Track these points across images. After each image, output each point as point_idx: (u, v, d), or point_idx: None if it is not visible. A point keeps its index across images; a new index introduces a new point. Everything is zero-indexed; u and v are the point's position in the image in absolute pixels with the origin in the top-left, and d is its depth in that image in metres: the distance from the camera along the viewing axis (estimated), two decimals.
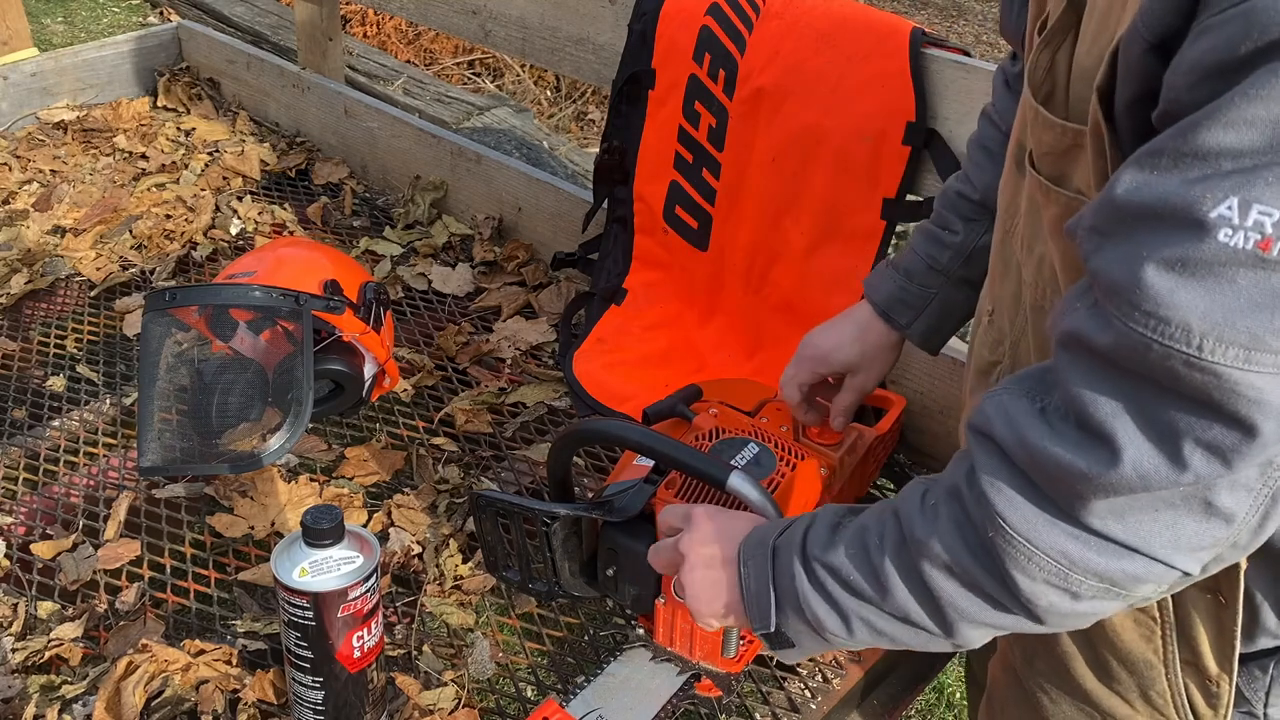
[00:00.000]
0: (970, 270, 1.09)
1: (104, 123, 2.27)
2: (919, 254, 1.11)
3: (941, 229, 1.10)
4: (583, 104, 4.53)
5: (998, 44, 6.09)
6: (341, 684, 0.99)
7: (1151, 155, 0.57)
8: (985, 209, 1.06)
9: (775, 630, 0.82)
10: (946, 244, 1.09)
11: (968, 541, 0.70)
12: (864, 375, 1.15)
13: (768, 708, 1.08)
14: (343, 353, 1.40)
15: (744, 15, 1.48)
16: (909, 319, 1.12)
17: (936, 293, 1.11)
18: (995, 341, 0.91)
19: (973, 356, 0.99)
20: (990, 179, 1.05)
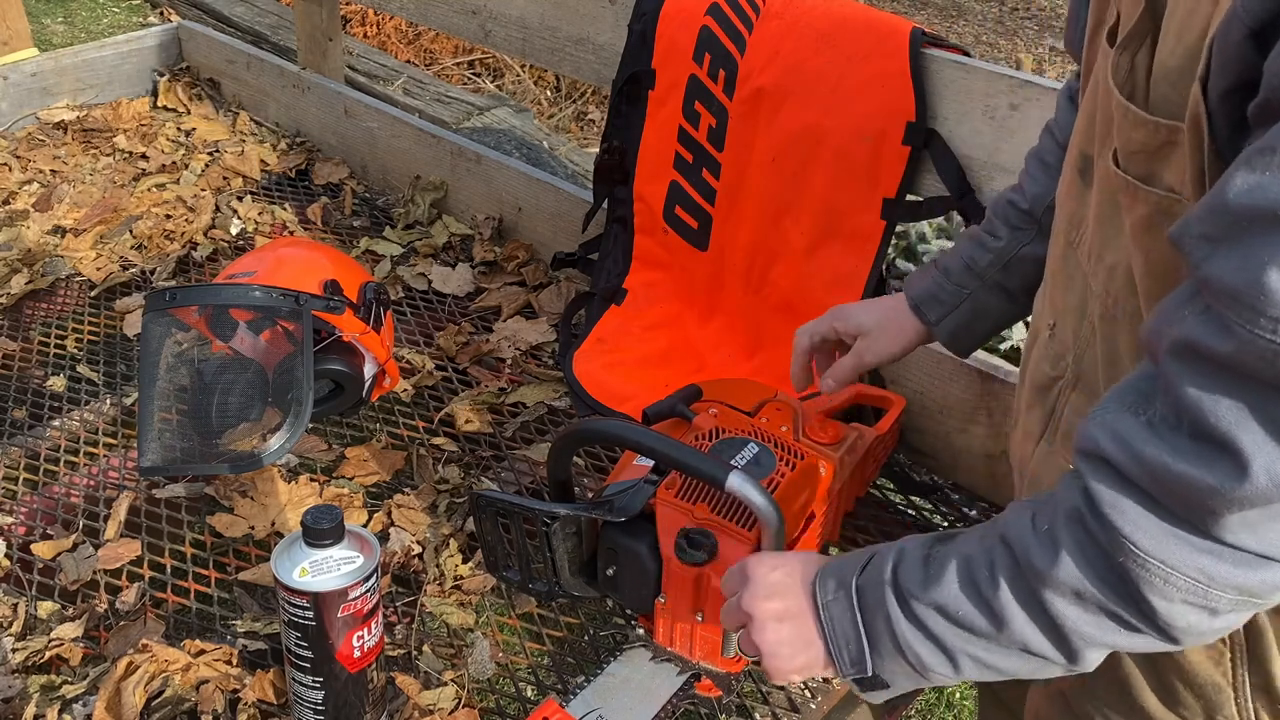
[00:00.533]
0: (1007, 278, 1.09)
1: (104, 123, 2.27)
2: (960, 254, 1.12)
3: (987, 233, 1.10)
4: (583, 104, 4.53)
5: (997, 44, 6.09)
6: (341, 684, 0.99)
7: (1263, 154, 0.56)
8: (1031, 219, 1.06)
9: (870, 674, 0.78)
10: (988, 248, 1.09)
11: (1095, 567, 0.67)
12: (871, 341, 1.15)
13: (768, 708, 1.08)
14: (343, 353, 1.40)
15: (744, 15, 1.48)
16: (938, 315, 1.12)
17: (970, 293, 1.11)
18: (1057, 356, 0.90)
19: (1029, 371, 0.97)
20: (1041, 190, 1.05)
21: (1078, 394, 0.87)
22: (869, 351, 1.16)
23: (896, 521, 1.33)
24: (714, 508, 1.05)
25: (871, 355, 1.16)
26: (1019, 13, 6.86)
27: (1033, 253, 1.07)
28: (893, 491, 1.39)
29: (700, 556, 1.00)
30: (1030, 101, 1.26)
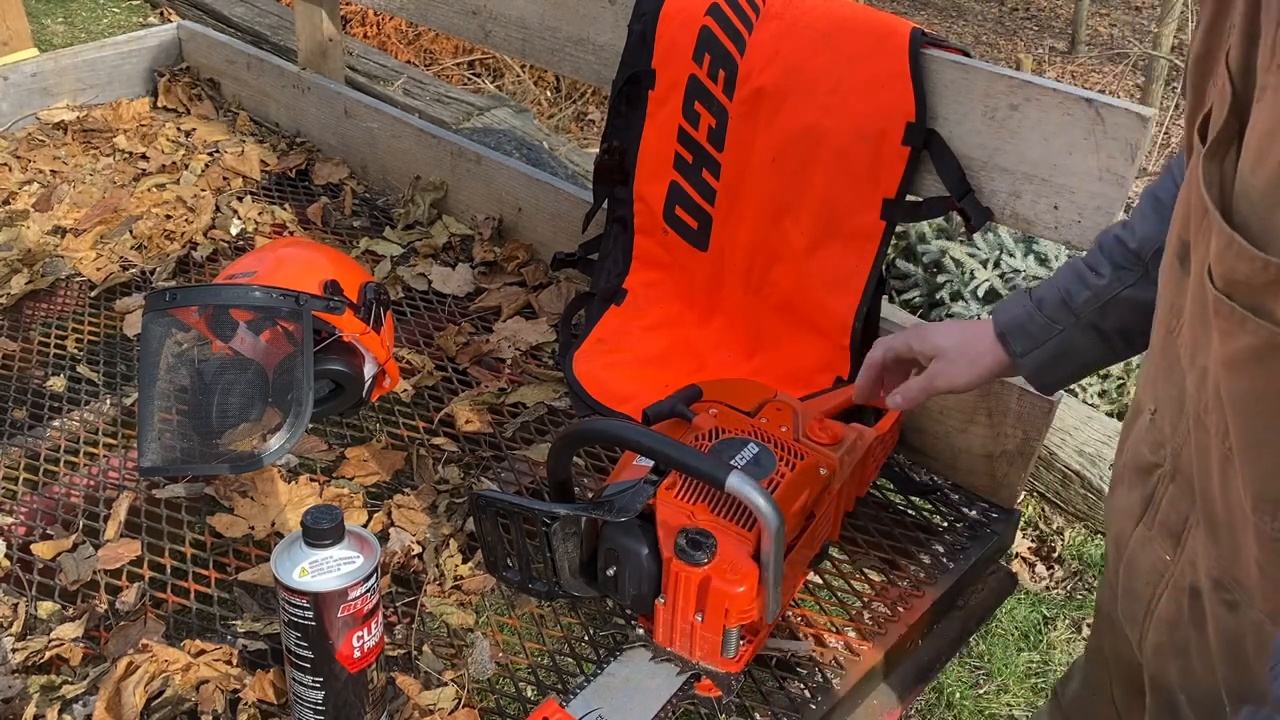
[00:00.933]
0: (1103, 318, 1.04)
1: (104, 123, 2.27)
2: (1057, 286, 1.06)
3: (1089, 268, 1.04)
4: (583, 104, 4.53)
5: (996, 44, 6.10)
6: (341, 684, 0.99)
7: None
8: (1139, 260, 1.01)
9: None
10: (1088, 284, 1.03)
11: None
12: (946, 364, 1.10)
13: (768, 708, 1.08)
14: (343, 353, 1.40)
15: (744, 15, 1.48)
16: (1025, 348, 1.07)
17: (1062, 330, 1.05)
18: (1156, 443, 0.87)
19: (1127, 449, 0.94)
20: (1152, 231, 1.00)
21: (1175, 487, 0.84)
22: (941, 376, 1.11)
23: (896, 521, 1.33)
24: (714, 508, 1.05)
25: (944, 380, 1.11)
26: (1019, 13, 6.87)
27: (1135, 296, 1.01)
28: (893, 491, 1.39)
29: (701, 557, 1.00)
30: (1030, 102, 1.26)
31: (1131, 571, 0.91)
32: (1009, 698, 2.10)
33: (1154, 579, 0.88)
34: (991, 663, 2.18)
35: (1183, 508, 0.84)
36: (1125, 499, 0.93)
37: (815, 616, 1.19)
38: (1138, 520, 0.90)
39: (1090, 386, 2.90)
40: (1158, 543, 0.87)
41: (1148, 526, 0.89)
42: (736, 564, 1.01)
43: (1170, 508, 0.86)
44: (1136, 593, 0.90)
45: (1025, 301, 1.07)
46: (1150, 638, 0.89)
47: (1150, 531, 0.88)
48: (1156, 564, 0.87)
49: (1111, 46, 6.80)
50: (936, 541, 1.31)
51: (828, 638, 1.16)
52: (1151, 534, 0.88)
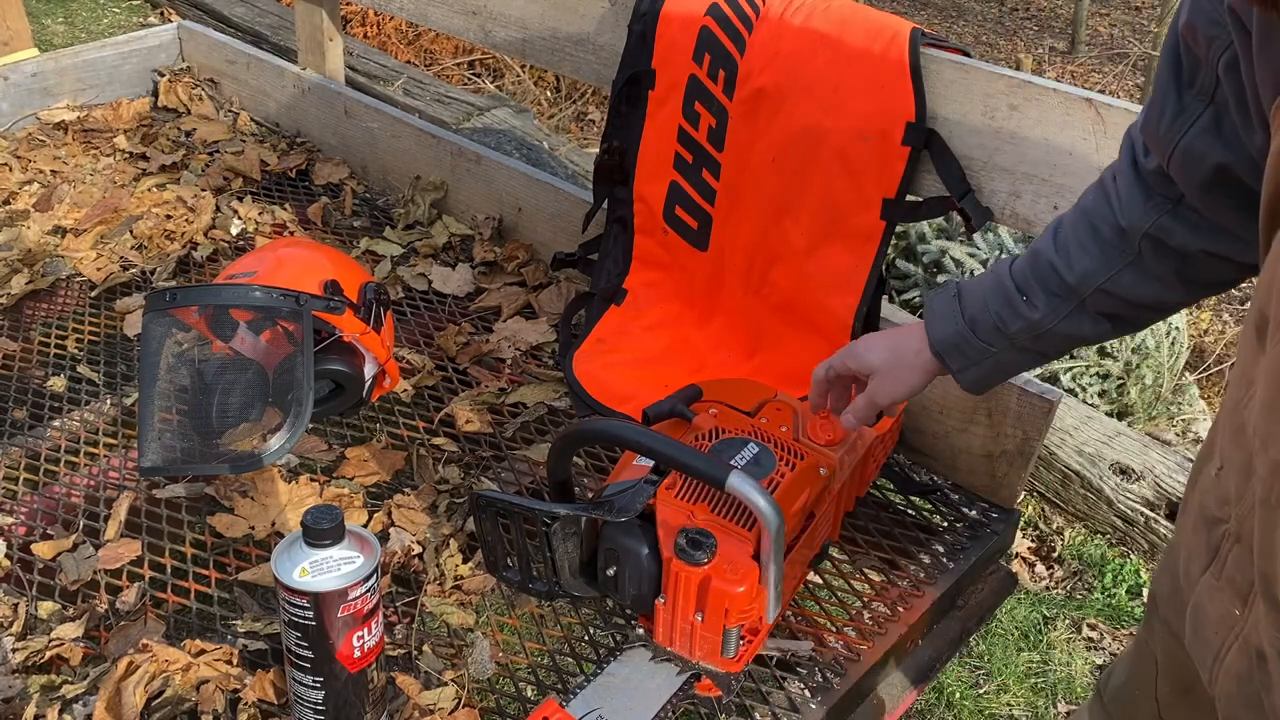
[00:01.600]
0: (1038, 344, 1.03)
1: (104, 123, 2.27)
2: (990, 310, 1.04)
3: (1020, 294, 1.02)
4: (583, 104, 4.53)
5: (996, 44, 6.10)
6: (341, 684, 0.99)
7: None
8: (1074, 293, 0.98)
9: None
10: (1021, 314, 1.02)
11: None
12: (879, 383, 1.11)
13: (768, 708, 1.08)
14: (343, 353, 1.40)
15: (744, 16, 1.48)
16: (960, 365, 1.07)
17: (996, 352, 1.05)
18: (1222, 500, 0.84)
19: (1196, 496, 0.91)
20: (1091, 267, 0.97)
21: (1240, 549, 0.83)
22: (880, 394, 1.12)
23: (896, 521, 1.33)
24: (714, 508, 1.05)
25: (883, 397, 1.12)
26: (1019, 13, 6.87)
27: (1068, 329, 1.00)
28: (893, 491, 1.39)
29: (701, 557, 1.00)
30: (1030, 102, 1.26)
31: (1199, 616, 0.90)
32: (1009, 698, 2.10)
33: (1223, 630, 0.86)
34: (991, 663, 2.19)
35: (1248, 571, 0.82)
36: (1193, 539, 0.92)
37: (815, 616, 1.19)
38: (1205, 567, 0.89)
39: (1090, 387, 2.90)
40: (1226, 595, 0.85)
41: (1215, 576, 0.87)
42: (736, 564, 1.01)
43: (1235, 567, 0.84)
44: (1205, 639, 0.89)
45: (958, 318, 1.06)
46: (1221, 685, 0.88)
47: (1218, 582, 0.86)
48: (1225, 616, 0.85)
49: (1111, 46, 6.80)
50: (936, 541, 1.31)
51: (828, 638, 1.16)
52: (1219, 585, 0.86)
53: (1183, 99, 0.84)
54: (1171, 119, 0.85)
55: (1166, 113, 0.85)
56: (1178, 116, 0.84)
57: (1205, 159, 0.83)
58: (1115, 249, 0.96)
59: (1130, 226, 0.94)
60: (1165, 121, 0.86)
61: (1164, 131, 0.86)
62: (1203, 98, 0.82)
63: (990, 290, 1.04)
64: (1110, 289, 0.97)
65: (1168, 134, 0.85)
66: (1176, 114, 0.84)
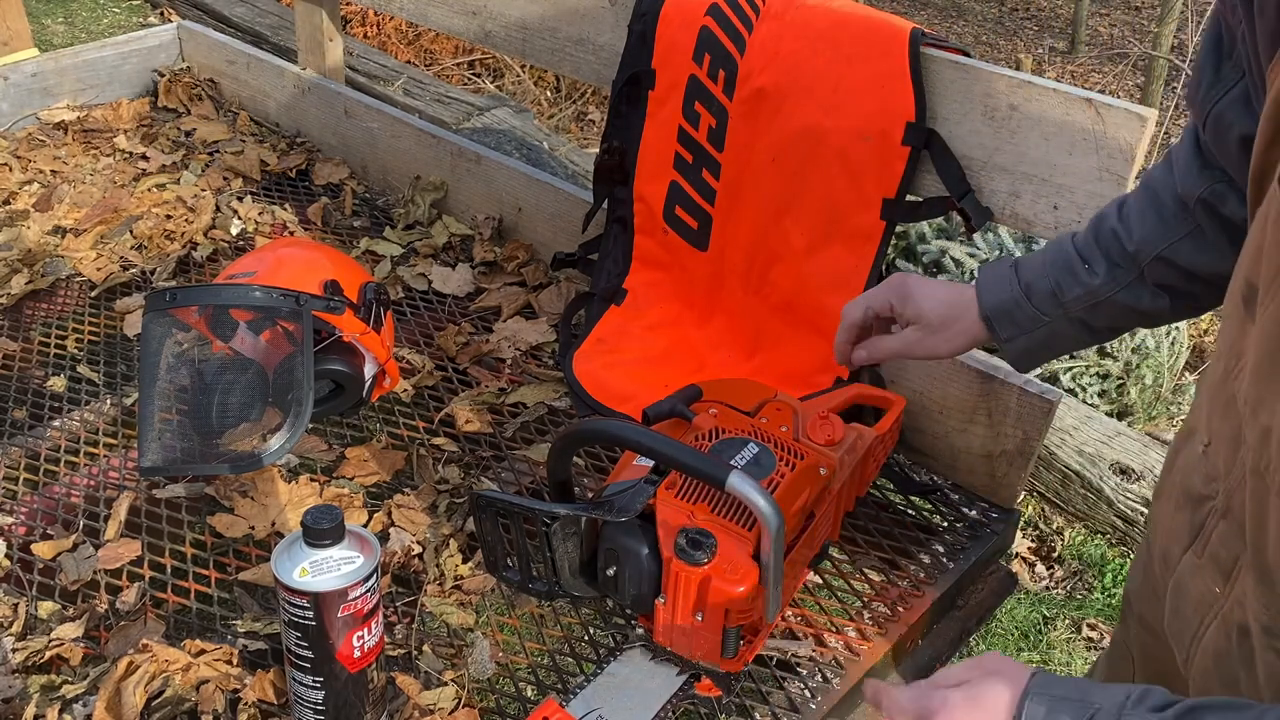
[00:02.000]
0: (1093, 317, 1.02)
1: (104, 123, 2.27)
2: (1048, 275, 1.03)
3: (1082, 260, 1.01)
4: (583, 104, 4.53)
5: (996, 44, 6.10)
6: (341, 684, 0.99)
7: None
8: (1135, 263, 0.98)
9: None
10: (1080, 280, 1.01)
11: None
12: (926, 335, 1.09)
13: (768, 708, 1.08)
14: (343, 353, 1.40)
15: (744, 16, 1.48)
16: (1011, 334, 1.05)
17: (1049, 322, 1.03)
18: (1209, 477, 0.85)
19: (1177, 474, 0.92)
20: (1151, 234, 0.97)
21: (1227, 525, 0.83)
22: (921, 345, 1.09)
23: (896, 521, 1.33)
24: (714, 508, 1.05)
25: (924, 349, 1.09)
26: (1019, 13, 6.87)
27: (1127, 300, 0.99)
28: (893, 491, 1.39)
29: (701, 557, 1.00)
30: (1030, 102, 1.27)
31: (1180, 594, 0.90)
32: None
33: (1203, 608, 0.86)
34: None
35: (1234, 547, 0.82)
36: (1173, 520, 0.92)
37: (815, 616, 1.19)
38: (1186, 546, 0.89)
39: (1090, 387, 2.90)
40: (1207, 573, 0.86)
41: (1197, 554, 0.87)
42: (736, 564, 1.01)
43: (1220, 544, 0.84)
44: (1184, 616, 0.89)
45: (1013, 284, 1.05)
46: (1197, 662, 0.88)
47: (1200, 560, 0.87)
48: (1206, 594, 0.86)
49: (1111, 46, 6.80)
50: (936, 541, 1.31)
51: (828, 638, 1.16)
52: (1201, 563, 0.87)
53: (1220, 69, 0.85)
54: (1208, 87, 0.87)
55: (1204, 81, 0.87)
56: (1213, 85, 0.86)
57: (1233, 129, 0.85)
58: (1176, 217, 0.96)
59: (1186, 193, 0.94)
60: (1202, 90, 0.87)
61: (1200, 99, 0.87)
62: (1238, 70, 0.84)
63: (1051, 258, 1.04)
64: (1169, 256, 0.97)
65: (1204, 101, 0.87)
66: (1213, 83, 0.86)
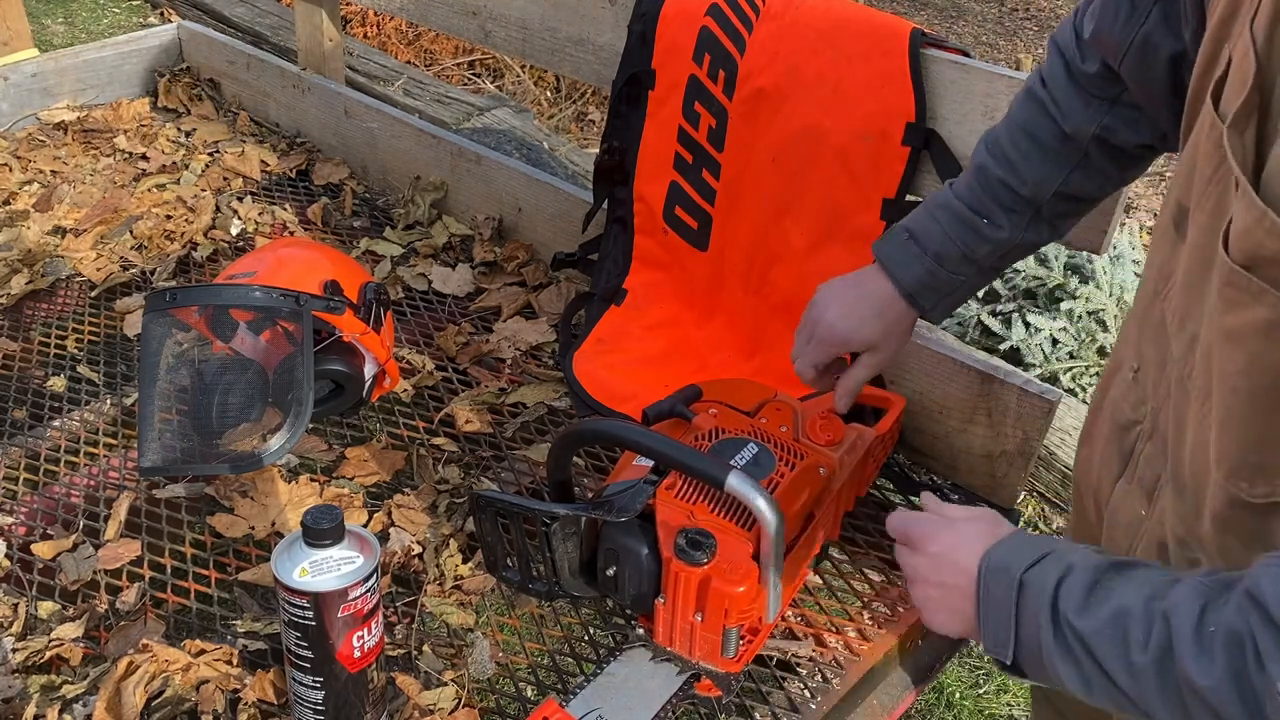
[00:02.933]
0: (1003, 262, 1.07)
1: (104, 123, 2.27)
2: (954, 240, 1.07)
3: (980, 217, 1.06)
4: (583, 104, 4.53)
5: (997, 45, 6.09)
6: (341, 684, 0.99)
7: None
8: (1031, 204, 1.03)
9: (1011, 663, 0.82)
10: (987, 237, 1.06)
11: (1244, 697, 0.67)
12: (883, 354, 1.15)
13: (768, 708, 1.08)
14: (343, 353, 1.40)
15: (744, 16, 1.48)
16: (933, 302, 1.11)
17: (966, 280, 1.09)
18: (1138, 401, 0.89)
19: (1108, 406, 0.95)
20: (1042, 174, 1.02)
21: (1152, 445, 0.86)
22: (883, 361, 1.15)
23: None
24: (714, 508, 1.05)
25: (886, 362, 1.16)
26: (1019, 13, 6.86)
27: (1029, 239, 1.05)
28: (893, 491, 1.39)
29: (701, 557, 1.00)
30: None
31: (1113, 523, 0.94)
32: (1009, 698, 2.10)
33: (1130, 532, 0.90)
34: (991, 663, 2.19)
35: (1157, 465, 0.86)
36: (1102, 454, 0.96)
37: (815, 616, 1.19)
38: (1118, 475, 0.93)
39: (1090, 387, 2.89)
40: (1135, 497, 0.89)
41: (1128, 481, 0.91)
42: (736, 564, 1.01)
43: (1146, 465, 0.88)
44: (1116, 542, 0.93)
45: (923, 259, 1.09)
46: None
47: (1130, 486, 0.91)
48: (1133, 518, 0.89)
49: None
50: None
51: (828, 638, 1.16)
52: (1130, 488, 0.91)
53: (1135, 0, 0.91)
54: (1126, 18, 0.92)
55: (1121, 13, 0.92)
56: (1131, 15, 0.91)
57: (1160, 49, 0.90)
58: (1061, 153, 1.01)
59: (1075, 130, 1.00)
60: (1120, 22, 0.92)
61: (1119, 30, 0.92)
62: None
63: (948, 222, 1.08)
64: (1065, 190, 1.03)
65: (1124, 32, 0.92)
66: (1130, 14, 0.91)
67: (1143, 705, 0.74)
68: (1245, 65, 0.67)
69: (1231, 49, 0.72)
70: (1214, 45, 0.76)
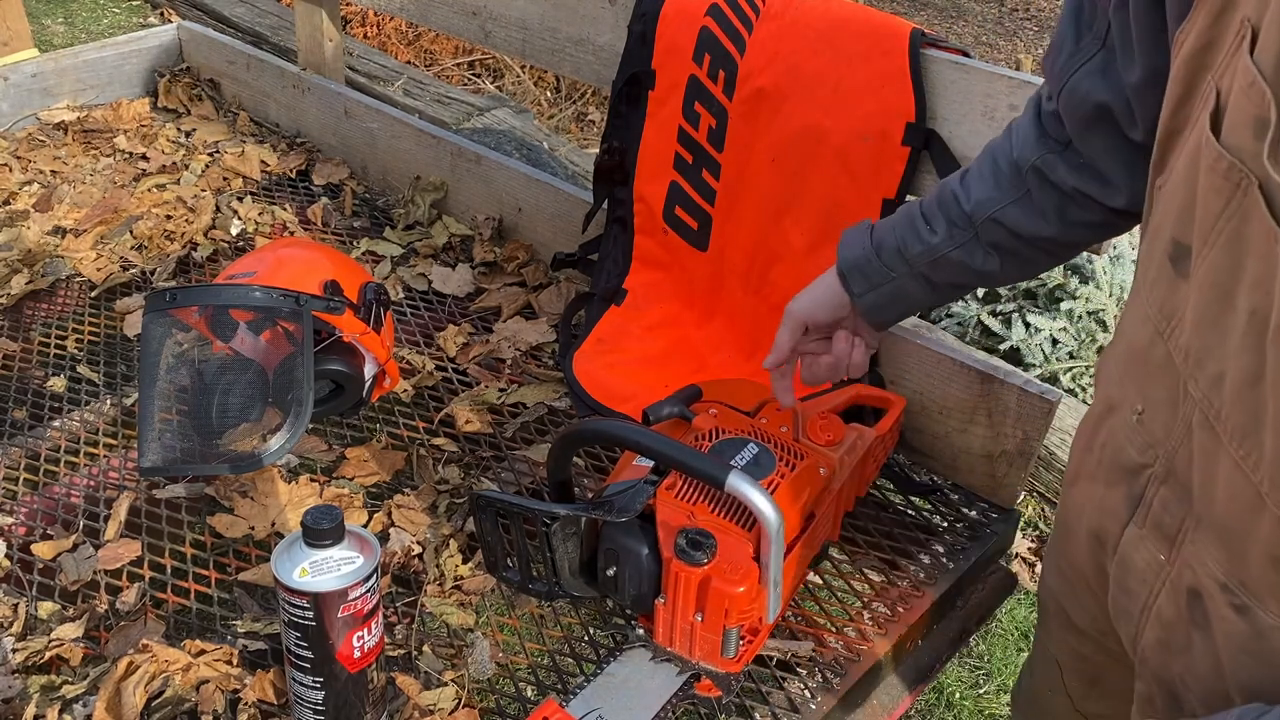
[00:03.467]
0: (934, 273, 1.08)
1: (104, 123, 2.27)
2: (895, 233, 1.09)
3: (924, 220, 1.08)
4: (582, 105, 4.53)
5: (996, 45, 6.10)
6: (341, 684, 0.99)
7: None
8: (970, 222, 1.04)
9: None
10: (922, 238, 1.07)
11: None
12: (852, 321, 1.15)
13: (768, 708, 1.08)
14: (343, 353, 1.40)
15: (744, 16, 1.48)
16: (861, 289, 1.11)
17: (895, 277, 1.10)
18: (1145, 445, 0.86)
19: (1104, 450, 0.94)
20: (985, 196, 1.03)
21: (1168, 489, 0.84)
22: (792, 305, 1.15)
23: (896, 521, 1.33)
24: (714, 508, 1.05)
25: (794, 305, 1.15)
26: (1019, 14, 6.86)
27: (962, 258, 1.06)
28: (893, 491, 1.39)
29: (701, 557, 1.00)
30: None
31: (1125, 569, 0.91)
32: (1009, 698, 2.10)
33: (1150, 578, 0.87)
34: (991, 663, 2.19)
35: (1177, 511, 0.83)
36: (1106, 498, 0.93)
37: (815, 616, 1.19)
38: (1126, 521, 0.90)
39: (1090, 388, 2.89)
40: (1151, 542, 0.87)
41: (1139, 525, 0.88)
42: (736, 564, 1.01)
43: (1163, 510, 0.85)
44: (1131, 591, 0.90)
45: (866, 242, 1.11)
46: (1148, 634, 0.89)
47: (1143, 530, 0.88)
48: (1151, 564, 0.87)
49: None
50: (936, 541, 1.31)
51: (828, 638, 1.16)
52: (1144, 533, 0.88)
53: (1080, 40, 0.91)
54: (1068, 57, 0.92)
55: (1064, 51, 0.92)
56: (1073, 55, 0.91)
57: (1089, 96, 0.91)
58: (1009, 181, 1.02)
59: (1020, 159, 1.01)
60: (1061, 59, 0.93)
61: (1059, 68, 0.93)
62: (1096, 41, 0.89)
63: (899, 219, 1.11)
64: (999, 218, 1.03)
65: (1062, 70, 0.93)
66: (1072, 53, 0.91)
67: None
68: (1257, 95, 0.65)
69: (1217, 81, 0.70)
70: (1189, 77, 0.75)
